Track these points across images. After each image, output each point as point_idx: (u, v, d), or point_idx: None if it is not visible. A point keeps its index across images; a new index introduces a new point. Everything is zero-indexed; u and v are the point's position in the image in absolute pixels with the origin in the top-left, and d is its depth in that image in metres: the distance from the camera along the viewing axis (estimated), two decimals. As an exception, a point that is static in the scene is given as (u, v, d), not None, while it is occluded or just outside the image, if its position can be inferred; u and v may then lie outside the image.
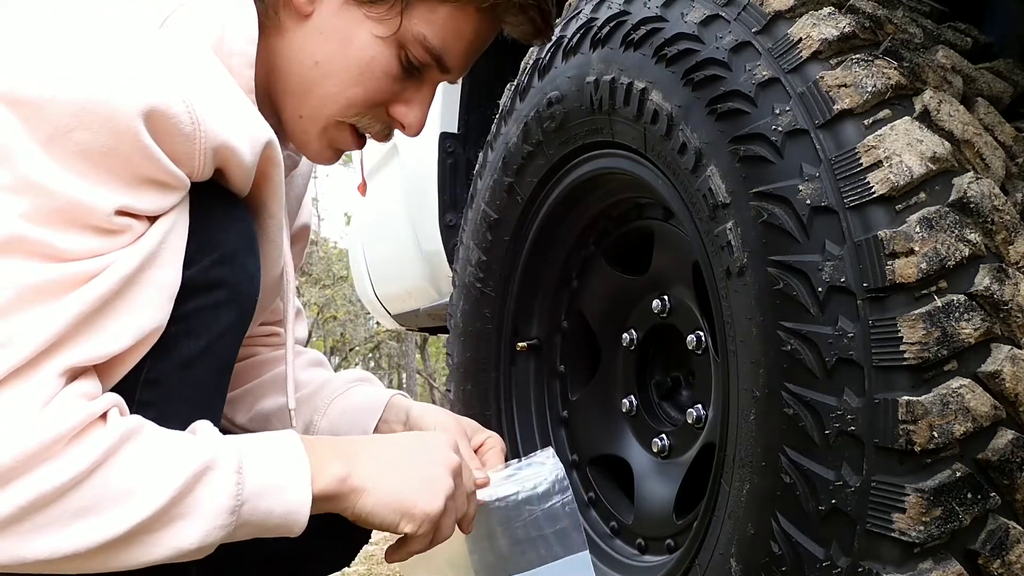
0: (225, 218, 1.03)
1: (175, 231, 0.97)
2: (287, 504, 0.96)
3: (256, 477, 0.94)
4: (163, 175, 0.94)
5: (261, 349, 1.43)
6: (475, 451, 1.25)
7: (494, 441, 1.27)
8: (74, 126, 0.90)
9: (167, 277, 0.96)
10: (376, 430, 1.31)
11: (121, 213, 0.92)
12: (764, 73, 1.20)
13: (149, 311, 0.94)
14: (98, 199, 0.90)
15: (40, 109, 0.89)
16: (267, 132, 1.04)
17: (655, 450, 1.62)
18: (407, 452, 1.07)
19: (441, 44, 1.12)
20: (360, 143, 1.20)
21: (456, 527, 1.09)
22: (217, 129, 0.97)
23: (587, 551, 1.14)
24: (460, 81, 2.33)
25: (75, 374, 0.90)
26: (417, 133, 1.19)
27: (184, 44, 1.00)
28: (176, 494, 0.89)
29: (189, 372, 1.01)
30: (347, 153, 1.26)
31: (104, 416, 0.91)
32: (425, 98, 1.18)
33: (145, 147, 0.92)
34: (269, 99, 1.15)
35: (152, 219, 0.95)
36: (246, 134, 1.01)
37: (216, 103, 0.98)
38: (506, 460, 1.23)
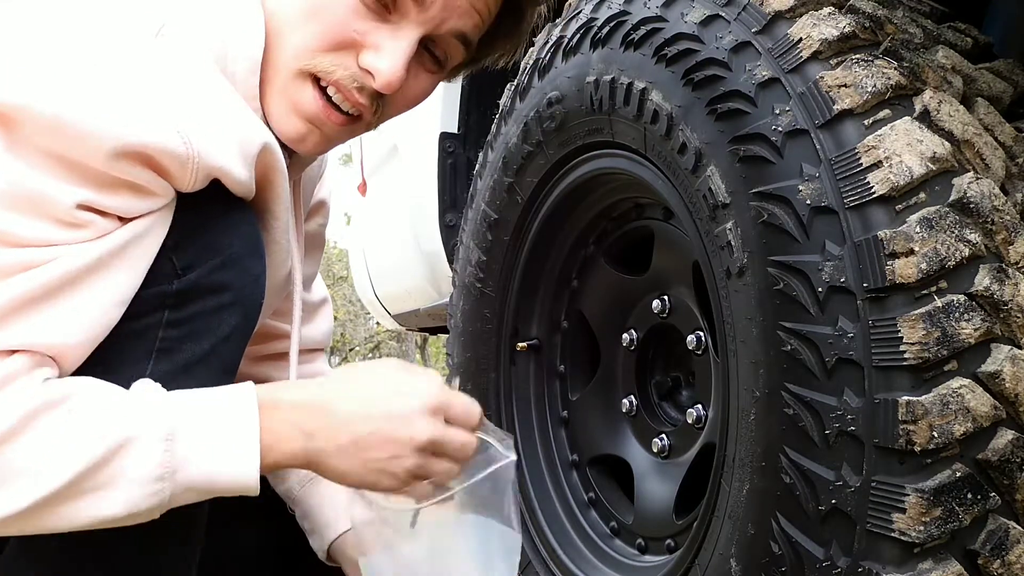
0: (229, 221, 1.02)
1: (148, 237, 0.96)
2: (232, 474, 0.94)
3: (193, 445, 0.93)
4: (141, 181, 0.93)
5: (280, 373, 1.42)
6: None
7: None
8: (55, 140, 0.90)
9: (124, 281, 0.95)
10: (343, 554, 1.27)
11: (84, 208, 0.91)
12: (764, 73, 1.20)
13: (94, 311, 0.93)
14: (60, 192, 0.90)
15: (26, 121, 0.89)
16: (261, 138, 1.02)
17: (655, 450, 1.62)
18: (371, 423, 0.99)
19: None
20: (327, 107, 1.06)
21: None
22: (211, 153, 0.96)
23: (520, 536, 1.11)
24: (460, 81, 2.34)
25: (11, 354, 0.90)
26: (391, 85, 1.05)
27: (178, 57, 0.98)
28: (85, 469, 0.89)
29: (192, 376, 1.00)
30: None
31: (29, 377, 0.90)
32: (401, 48, 1.04)
33: (127, 169, 0.91)
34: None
35: (125, 220, 0.94)
36: (239, 154, 0.99)
37: (209, 125, 0.96)
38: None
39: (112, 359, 0.97)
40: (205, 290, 1.00)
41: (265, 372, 1.41)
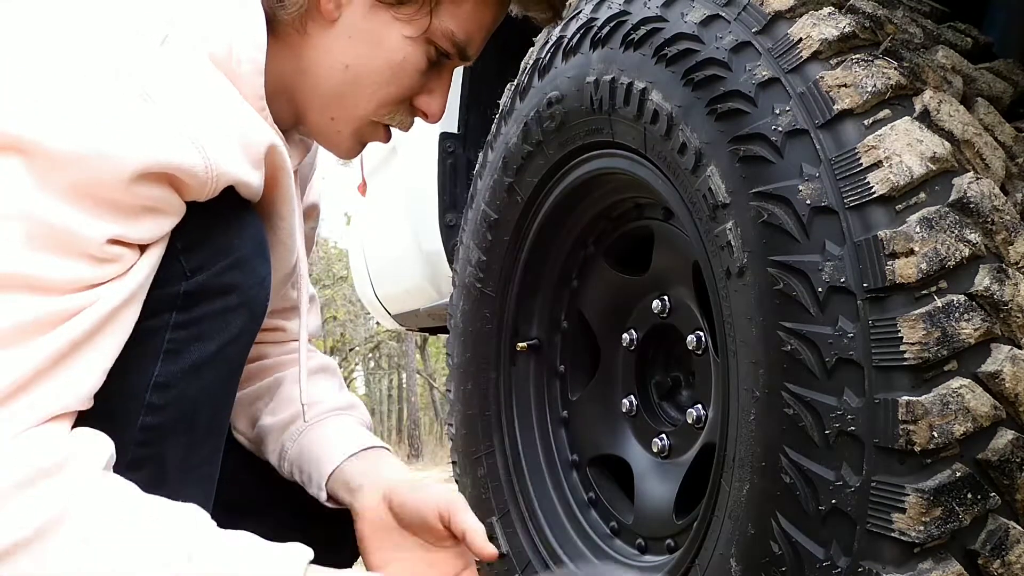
0: (237, 223, 1.04)
1: (156, 262, 0.97)
2: None
3: None
4: (161, 204, 0.94)
5: (269, 350, 1.43)
6: (449, 530, 1.12)
7: (474, 537, 1.10)
8: (79, 171, 0.89)
9: (136, 311, 0.96)
10: (344, 483, 1.23)
11: (114, 242, 0.91)
12: (764, 73, 1.20)
13: (117, 348, 0.94)
14: (90, 227, 0.89)
15: (46, 156, 0.88)
16: (270, 141, 1.03)
17: (655, 450, 1.62)
18: None
19: (466, 36, 1.14)
20: (388, 136, 1.22)
21: None
22: (228, 167, 0.97)
23: None
24: (460, 81, 2.34)
25: (52, 417, 0.89)
26: (439, 120, 1.21)
27: (186, 68, 0.98)
28: None
29: (199, 376, 1.01)
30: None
31: (87, 463, 0.88)
32: (446, 85, 1.19)
33: (147, 192, 0.92)
34: (292, 102, 1.15)
35: (142, 247, 0.94)
36: (252, 161, 1.01)
37: (223, 136, 0.97)
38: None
39: (120, 360, 0.96)
40: (213, 292, 1.01)
41: (259, 350, 1.42)
